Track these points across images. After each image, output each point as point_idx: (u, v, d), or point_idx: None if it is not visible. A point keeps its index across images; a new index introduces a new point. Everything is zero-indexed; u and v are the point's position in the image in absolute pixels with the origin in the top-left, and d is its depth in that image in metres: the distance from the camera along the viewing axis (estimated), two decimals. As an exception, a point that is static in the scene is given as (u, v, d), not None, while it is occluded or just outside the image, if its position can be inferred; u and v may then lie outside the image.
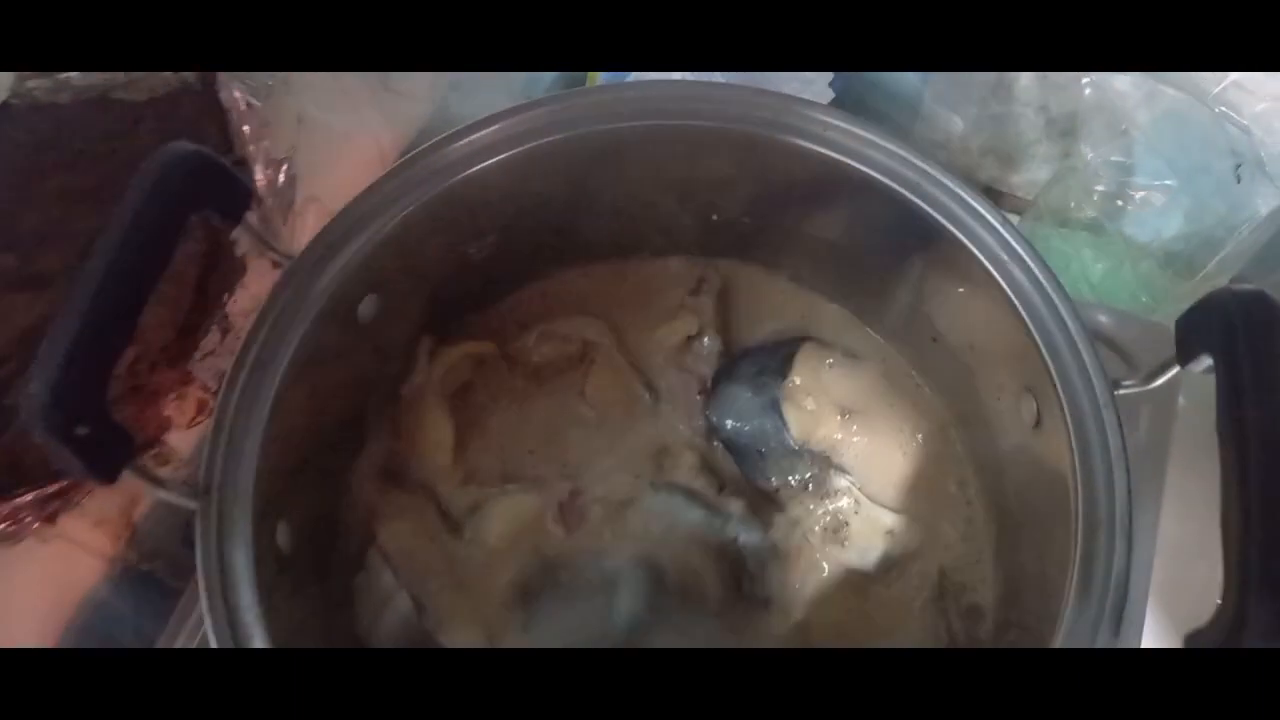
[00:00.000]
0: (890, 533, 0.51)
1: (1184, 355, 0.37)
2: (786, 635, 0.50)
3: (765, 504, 0.54)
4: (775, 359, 0.55)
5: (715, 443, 0.55)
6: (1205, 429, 0.56)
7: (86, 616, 0.54)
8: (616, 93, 0.48)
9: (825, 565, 0.52)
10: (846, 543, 0.52)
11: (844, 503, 0.52)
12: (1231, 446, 0.32)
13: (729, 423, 0.54)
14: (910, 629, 0.50)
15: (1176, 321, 0.38)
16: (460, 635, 0.49)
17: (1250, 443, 0.32)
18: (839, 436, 0.54)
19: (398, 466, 0.53)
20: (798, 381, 0.54)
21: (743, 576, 0.51)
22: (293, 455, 0.43)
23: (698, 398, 0.55)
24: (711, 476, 0.53)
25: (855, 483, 0.53)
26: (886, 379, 0.55)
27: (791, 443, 0.53)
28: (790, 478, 0.53)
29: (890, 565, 0.51)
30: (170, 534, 0.56)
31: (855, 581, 0.52)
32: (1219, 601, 0.31)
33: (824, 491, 0.53)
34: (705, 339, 0.56)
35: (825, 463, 0.53)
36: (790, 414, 0.53)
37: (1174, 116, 0.64)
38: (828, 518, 0.52)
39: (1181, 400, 0.56)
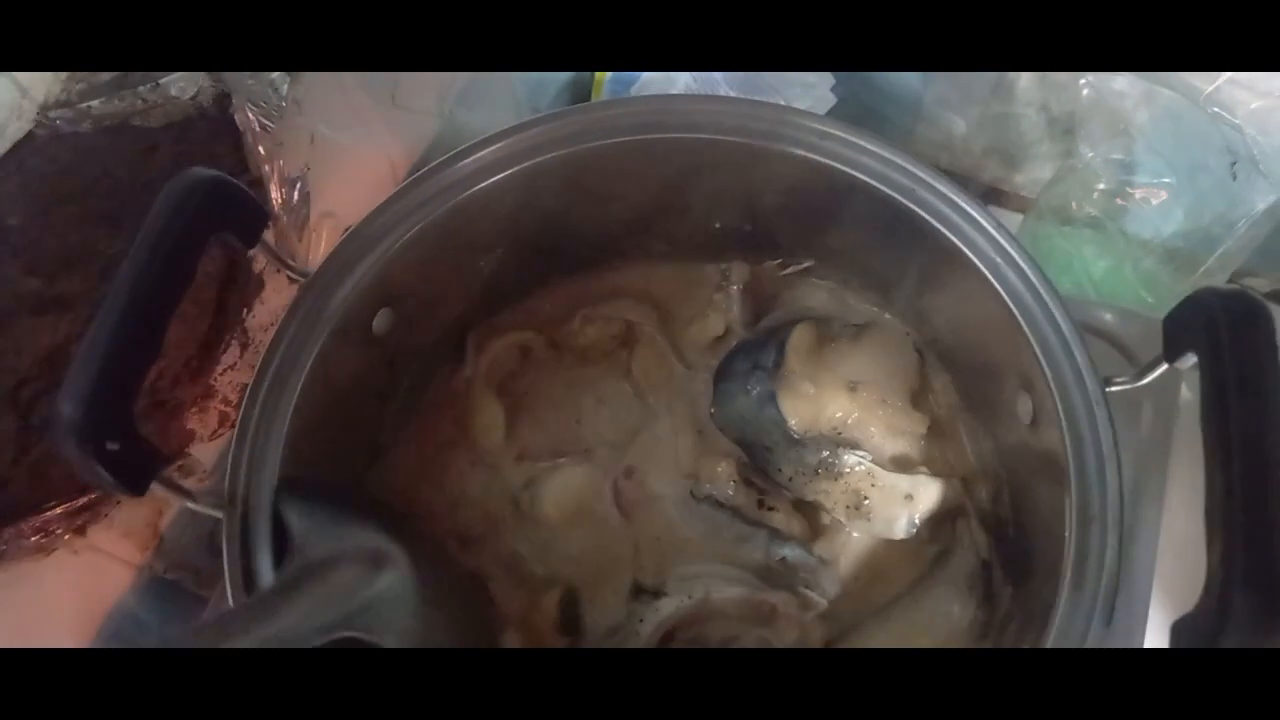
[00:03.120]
0: (910, 497, 0.52)
1: (1171, 353, 0.38)
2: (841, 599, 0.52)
3: (806, 512, 0.54)
4: (767, 350, 0.54)
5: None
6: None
7: (115, 624, 0.55)
8: (615, 108, 0.49)
9: (857, 537, 0.53)
10: (870, 517, 0.52)
11: (857, 478, 0.53)
12: (1215, 440, 0.34)
13: (732, 421, 0.55)
14: (953, 569, 0.51)
15: (1164, 320, 0.39)
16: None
17: (1232, 436, 0.33)
18: (842, 414, 0.53)
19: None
20: (795, 368, 0.54)
21: (795, 585, 0.52)
22: (312, 464, 0.45)
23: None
24: (750, 489, 0.54)
25: (866, 456, 0.53)
26: (893, 346, 0.55)
27: (793, 434, 0.53)
28: (800, 467, 0.53)
29: (921, 528, 0.52)
30: (195, 544, 0.58)
31: (893, 550, 0.52)
32: (1203, 591, 0.32)
33: (836, 472, 0.53)
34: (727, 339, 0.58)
35: (833, 444, 0.53)
36: (788, 404, 0.53)
37: (1171, 116, 0.65)
38: (846, 496, 0.53)
39: (1186, 395, 0.57)
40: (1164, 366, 0.39)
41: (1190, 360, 0.37)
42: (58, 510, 0.54)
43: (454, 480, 0.55)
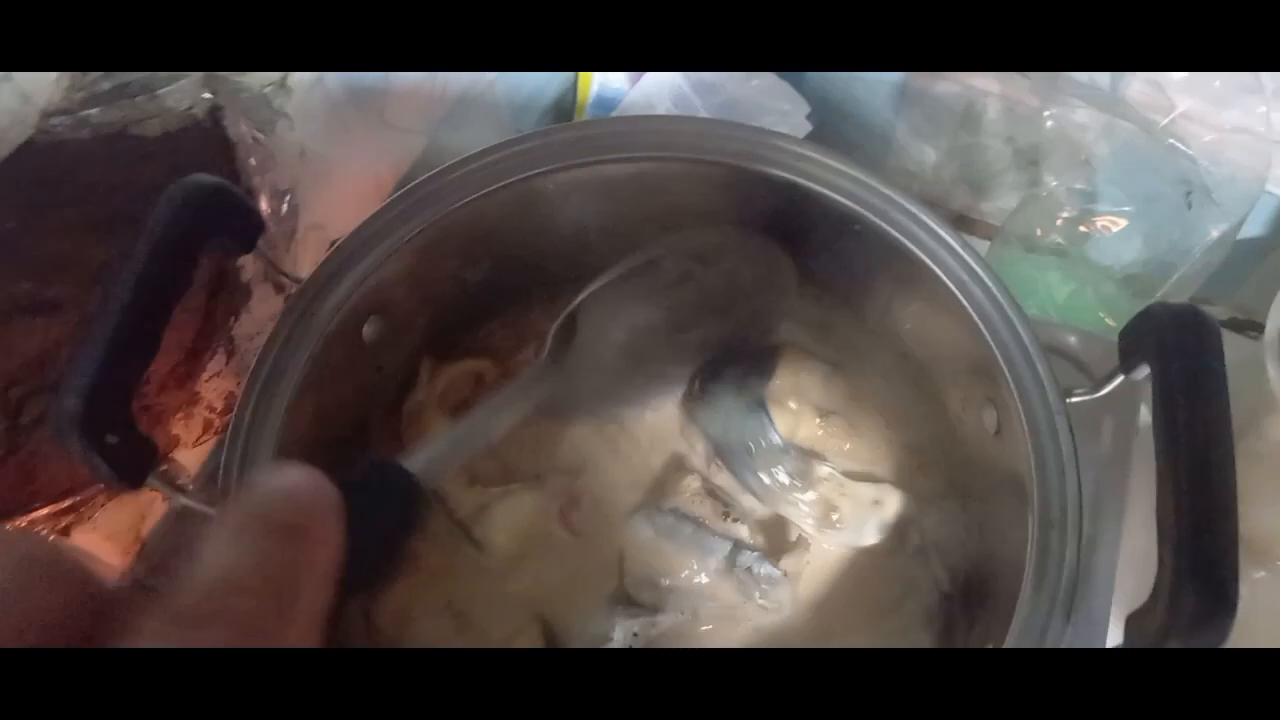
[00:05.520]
0: (878, 503, 0.54)
1: (1126, 364, 0.41)
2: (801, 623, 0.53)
3: (772, 526, 0.56)
4: (759, 361, 0.57)
5: (712, 462, 0.57)
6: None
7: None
8: (598, 128, 0.51)
9: (823, 554, 0.54)
10: (841, 526, 0.54)
11: (829, 488, 0.55)
12: (1165, 444, 0.36)
13: (715, 423, 0.56)
14: (913, 600, 0.53)
15: (1120, 333, 0.41)
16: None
17: (1181, 440, 0.35)
18: (820, 434, 0.56)
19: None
20: (780, 383, 0.56)
21: (755, 593, 0.53)
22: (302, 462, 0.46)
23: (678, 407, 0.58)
24: (716, 502, 0.55)
25: (837, 468, 0.55)
26: (862, 387, 0.58)
27: (778, 439, 0.55)
28: (776, 472, 0.55)
29: (889, 534, 0.54)
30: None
31: (861, 561, 0.54)
32: (1154, 585, 0.34)
33: (809, 482, 0.55)
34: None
35: (808, 455, 0.55)
36: (775, 412, 0.56)
37: (1130, 148, 0.68)
38: (819, 506, 0.55)
39: (1145, 417, 0.59)
40: (1120, 378, 0.42)
41: (1144, 371, 0.39)
42: (43, 511, 0.54)
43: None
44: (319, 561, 0.25)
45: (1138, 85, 0.65)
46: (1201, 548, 0.33)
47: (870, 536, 0.54)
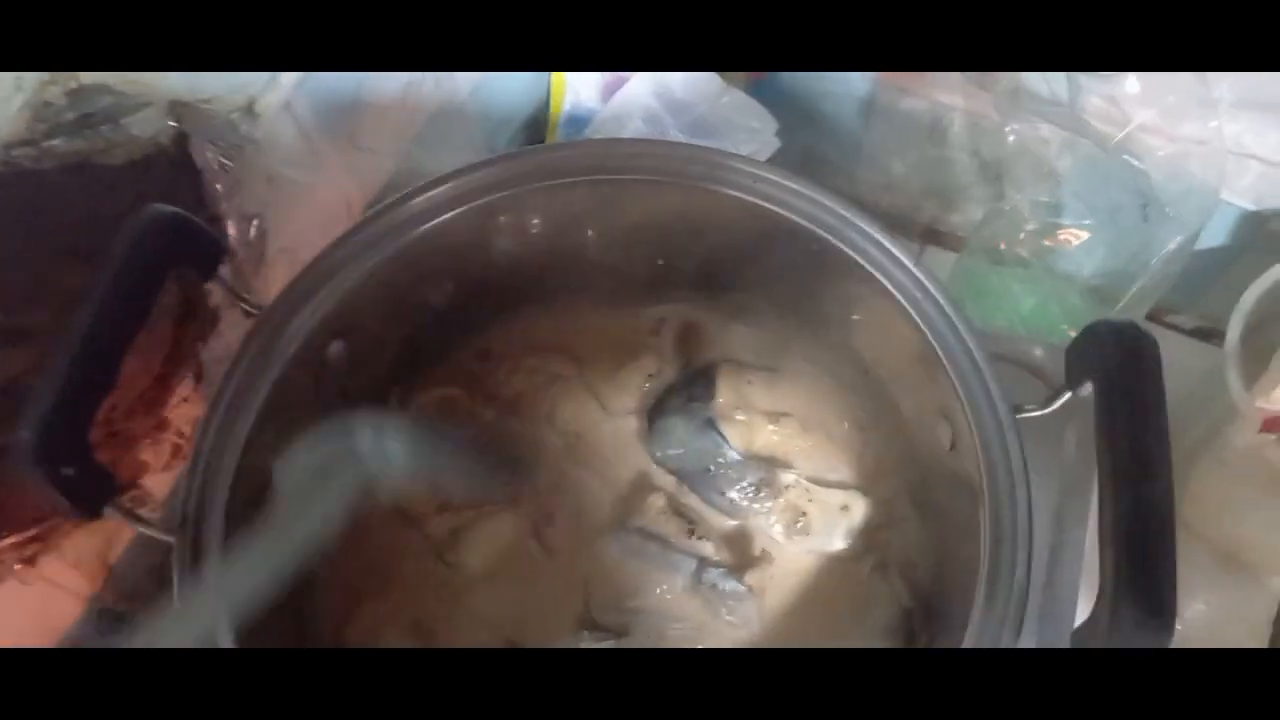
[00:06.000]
0: (845, 508, 0.55)
1: (1072, 381, 0.41)
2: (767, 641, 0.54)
3: (736, 542, 0.56)
4: (699, 384, 0.58)
5: (681, 483, 0.58)
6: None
7: (65, 655, 0.56)
8: (564, 150, 0.52)
9: (798, 558, 0.55)
10: (809, 531, 0.55)
11: (795, 494, 0.56)
12: (1105, 460, 0.36)
13: (672, 453, 0.57)
14: (876, 614, 0.54)
15: (1066, 351, 0.42)
16: None
17: (1120, 457, 0.36)
18: (776, 439, 0.57)
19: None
20: (724, 399, 0.58)
21: (721, 609, 0.54)
22: (263, 491, 0.46)
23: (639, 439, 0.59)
24: (681, 520, 0.56)
25: (801, 473, 0.56)
26: (808, 389, 0.59)
27: (735, 453, 0.57)
28: (742, 485, 0.56)
29: (856, 540, 0.55)
30: (145, 575, 0.58)
31: (830, 568, 0.55)
32: (1096, 599, 0.35)
33: (775, 489, 0.56)
34: (658, 377, 0.60)
35: (770, 463, 0.57)
36: (726, 429, 0.57)
37: (1090, 161, 0.69)
38: (786, 513, 0.56)
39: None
40: (1067, 395, 0.42)
41: (1089, 388, 0.40)
42: (9, 540, 0.54)
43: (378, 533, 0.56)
44: None
45: (1096, 100, 0.66)
46: (1139, 559, 0.34)
47: (838, 541, 0.55)
